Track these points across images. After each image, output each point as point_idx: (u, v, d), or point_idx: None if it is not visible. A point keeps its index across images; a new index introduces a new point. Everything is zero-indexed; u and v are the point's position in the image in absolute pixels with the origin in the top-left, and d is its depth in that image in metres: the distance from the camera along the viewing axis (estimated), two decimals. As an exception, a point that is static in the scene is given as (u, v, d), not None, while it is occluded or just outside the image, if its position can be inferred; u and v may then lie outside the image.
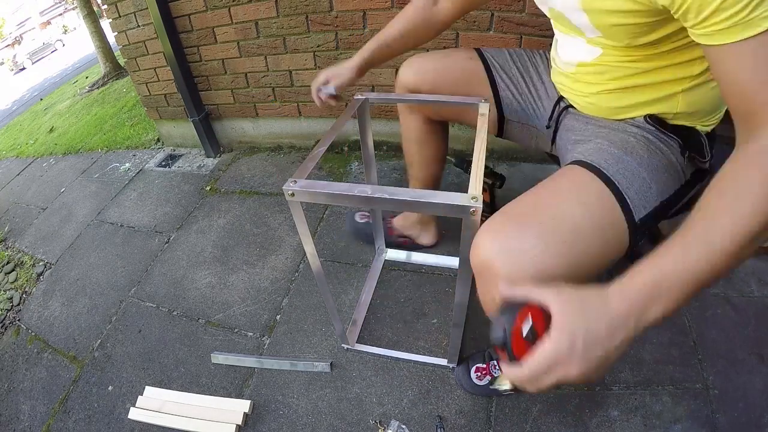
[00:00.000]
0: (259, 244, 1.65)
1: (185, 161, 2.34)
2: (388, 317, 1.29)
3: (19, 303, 1.70)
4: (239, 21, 1.85)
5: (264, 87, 2.04)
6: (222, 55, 2.00)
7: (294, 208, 0.82)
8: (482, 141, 0.82)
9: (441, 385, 1.11)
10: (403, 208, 0.73)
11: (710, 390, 1.01)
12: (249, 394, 1.17)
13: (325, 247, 1.56)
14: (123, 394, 1.24)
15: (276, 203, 1.85)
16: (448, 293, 1.33)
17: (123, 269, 1.68)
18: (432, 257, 1.44)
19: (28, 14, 22.72)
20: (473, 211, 0.67)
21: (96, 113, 3.67)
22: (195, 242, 1.72)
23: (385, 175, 1.89)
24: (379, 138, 2.00)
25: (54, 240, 1.97)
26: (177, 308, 1.46)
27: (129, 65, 2.27)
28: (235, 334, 1.33)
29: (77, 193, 2.29)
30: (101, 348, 1.39)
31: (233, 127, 2.27)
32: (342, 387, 1.14)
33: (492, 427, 1.01)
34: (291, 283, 1.46)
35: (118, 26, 2.11)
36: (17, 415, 1.27)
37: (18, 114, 5.73)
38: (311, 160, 0.84)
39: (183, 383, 1.23)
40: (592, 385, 1.05)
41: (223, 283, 1.51)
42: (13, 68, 14.27)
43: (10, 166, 3.05)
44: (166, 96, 2.29)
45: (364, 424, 1.06)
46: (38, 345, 1.47)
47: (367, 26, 1.69)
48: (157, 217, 1.93)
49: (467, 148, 1.91)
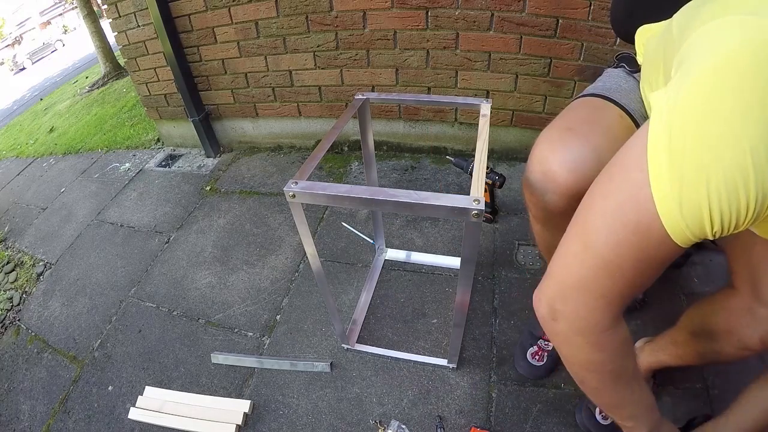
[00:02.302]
0: (259, 244, 1.65)
1: (185, 161, 2.34)
2: (388, 317, 1.29)
3: (19, 303, 1.70)
4: (239, 21, 1.85)
5: (264, 87, 2.04)
6: (222, 55, 2.00)
7: (295, 209, 0.82)
8: (483, 142, 0.82)
9: (441, 385, 1.11)
10: (405, 211, 0.73)
11: (710, 390, 1.01)
12: (249, 394, 1.17)
13: (325, 247, 1.56)
14: (123, 394, 1.24)
15: (276, 203, 1.85)
16: (448, 293, 1.33)
17: (123, 269, 1.68)
18: (432, 257, 1.44)
19: (28, 14, 22.70)
20: (475, 213, 0.67)
21: (96, 113, 3.67)
22: (195, 242, 1.72)
23: (385, 175, 1.89)
24: (379, 138, 2.00)
25: (54, 240, 1.97)
26: (177, 308, 1.46)
27: (129, 65, 2.27)
28: (235, 334, 1.33)
29: (77, 193, 2.29)
30: (101, 348, 1.39)
31: (233, 127, 2.27)
32: (342, 387, 1.14)
33: (492, 427, 1.01)
34: (291, 283, 1.46)
35: (118, 26, 2.11)
36: (17, 415, 1.27)
37: (18, 114, 5.72)
38: (312, 161, 0.84)
39: (183, 383, 1.23)
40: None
41: (223, 283, 1.51)
42: (13, 68, 14.24)
43: (10, 166, 3.05)
44: (166, 96, 2.29)
45: (364, 424, 1.06)
46: (38, 345, 1.47)
47: (367, 26, 1.69)
48: (157, 217, 1.93)
49: (467, 148, 1.91)
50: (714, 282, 1.23)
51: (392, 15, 1.64)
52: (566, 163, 0.68)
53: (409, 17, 1.62)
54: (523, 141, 1.81)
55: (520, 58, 1.59)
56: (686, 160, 0.40)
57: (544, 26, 1.49)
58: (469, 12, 1.54)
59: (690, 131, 0.40)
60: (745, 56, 0.37)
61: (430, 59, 1.70)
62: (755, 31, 0.37)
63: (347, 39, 1.75)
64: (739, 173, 0.38)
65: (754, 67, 0.36)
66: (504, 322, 1.23)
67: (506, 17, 1.51)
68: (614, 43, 1.44)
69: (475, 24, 1.56)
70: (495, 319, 1.24)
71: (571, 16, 1.44)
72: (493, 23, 1.54)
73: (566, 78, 1.58)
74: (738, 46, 0.38)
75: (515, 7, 1.48)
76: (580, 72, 1.55)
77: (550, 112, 1.67)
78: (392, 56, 1.74)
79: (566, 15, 1.44)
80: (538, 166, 0.71)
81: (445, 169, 1.86)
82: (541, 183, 0.72)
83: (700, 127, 0.39)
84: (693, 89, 0.40)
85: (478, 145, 0.82)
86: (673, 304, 1.19)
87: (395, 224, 1.61)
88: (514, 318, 1.23)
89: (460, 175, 1.81)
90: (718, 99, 0.38)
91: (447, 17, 1.58)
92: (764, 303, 0.65)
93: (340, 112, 1.98)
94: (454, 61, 1.68)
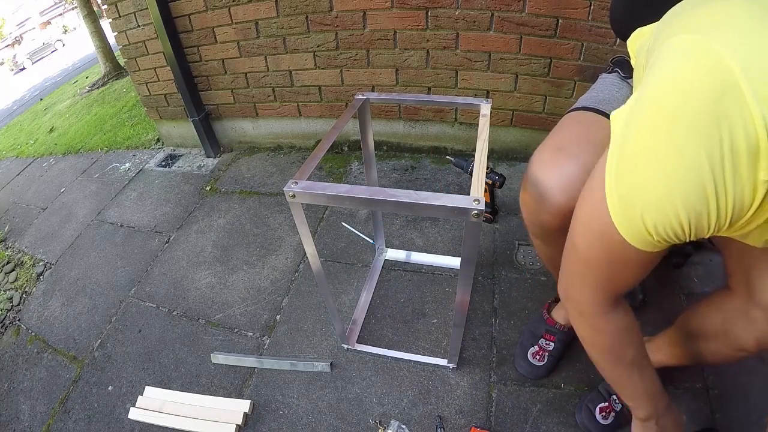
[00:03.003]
0: (259, 244, 1.65)
1: (185, 161, 2.34)
2: (388, 317, 1.29)
3: (19, 303, 1.70)
4: (239, 21, 1.85)
5: (264, 87, 2.04)
6: (222, 55, 2.00)
7: (295, 209, 0.82)
8: (483, 142, 0.82)
9: (441, 385, 1.11)
10: (405, 211, 0.73)
11: (710, 390, 1.01)
12: (249, 394, 1.17)
13: (325, 247, 1.56)
14: (123, 394, 1.24)
15: (276, 203, 1.85)
16: (448, 293, 1.33)
17: (123, 269, 1.68)
18: (432, 257, 1.44)
19: (28, 14, 22.70)
20: (475, 213, 0.67)
21: (96, 113, 3.67)
22: (195, 242, 1.72)
23: (385, 175, 1.89)
24: (379, 138, 2.00)
25: (54, 240, 1.97)
26: (177, 308, 1.46)
27: (129, 65, 2.27)
28: (235, 334, 1.33)
29: (77, 193, 2.29)
30: (101, 348, 1.39)
31: (233, 127, 2.27)
32: (342, 387, 1.14)
33: (492, 427, 1.01)
34: (291, 283, 1.46)
35: (118, 26, 2.11)
36: (17, 415, 1.27)
37: (18, 114, 5.72)
38: (312, 161, 0.84)
39: (183, 383, 1.23)
40: (592, 385, 1.05)
41: (223, 283, 1.51)
42: (13, 68, 14.24)
43: (10, 166, 3.05)
44: (166, 96, 2.29)
45: (364, 424, 1.06)
46: (38, 345, 1.47)
47: (367, 26, 1.69)
48: (157, 217, 1.93)
49: (467, 148, 1.91)
50: (714, 282, 1.23)
51: (392, 15, 1.64)
52: (558, 184, 0.72)
53: (409, 17, 1.62)
54: (523, 141, 1.81)
55: (520, 58, 1.59)
56: (625, 182, 0.47)
57: (544, 26, 1.49)
58: (469, 12, 1.54)
59: (630, 155, 0.46)
60: (678, 85, 0.40)
61: (430, 59, 1.70)
62: (693, 58, 0.39)
63: (347, 39, 1.75)
64: (667, 199, 0.42)
65: (684, 98, 0.39)
66: (504, 322, 1.23)
67: (506, 17, 1.51)
68: (614, 43, 1.44)
69: (475, 24, 1.56)
70: (495, 319, 1.24)
71: (571, 16, 1.44)
72: (493, 23, 1.54)
73: (566, 78, 1.58)
74: (673, 73, 0.41)
75: (515, 7, 1.48)
76: (580, 72, 1.55)
77: (550, 112, 1.67)
78: (392, 56, 1.74)
79: (566, 15, 1.44)
80: (532, 188, 0.76)
81: (445, 169, 1.86)
82: (535, 204, 0.76)
83: (637, 155, 0.45)
84: (638, 118, 0.45)
85: (478, 145, 0.82)
86: (673, 304, 1.19)
87: (395, 224, 1.61)
88: (514, 318, 1.24)
89: (460, 175, 1.81)
90: (653, 129, 0.42)
91: (447, 17, 1.58)
92: (759, 305, 0.66)
93: (340, 112, 1.98)
94: (454, 61, 1.68)
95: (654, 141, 0.42)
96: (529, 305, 1.26)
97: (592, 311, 0.65)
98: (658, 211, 0.44)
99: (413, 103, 1.56)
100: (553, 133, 0.79)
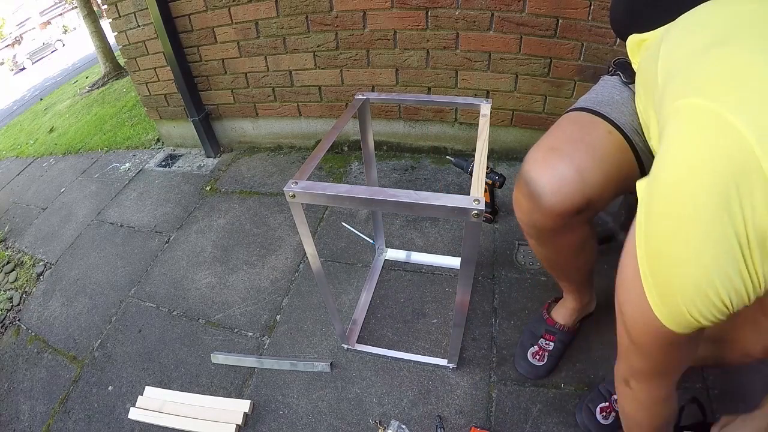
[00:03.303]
0: (259, 244, 1.65)
1: (185, 161, 2.34)
2: (388, 317, 1.29)
3: (19, 303, 1.70)
4: (239, 21, 1.85)
5: (264, 87, 2.04)
6: (222, 55, 2.00)
7: (295, 209, 0.82)
8: (483, 142, 0.82)
9: (441, 385, 1.11)
10: (405, 211, 0.73)
11: (710, 390, 1.01)
12: (249, 394, 1.17)
13: (325, 247, 1.56)
14: (123, 394, 1.24)
15: (276, 203, 1.85)
16: (448, 293, 1.33)
17: (123, 269, 1.68)
18: (432, 257, 1.44)
19: (28, 14, 22.71)
20: (475, 213, 0.67)
21: (96, 113, 3.67)
22: (195, 242, 1.72)
23: (385, 175, 1.89)
24: (379, 138, 2.00)
25: (54, 240, 1.97)
26: (177, 308, 1.46)
27: (129, 65, 2.27)
28: (235, 334, 1.33)
29: (77, 193, 2.29)
30: (101, 348, 1.39)
31: (233, 127, 2.27)
32: (342, 387, 1.14)
33: (492, 427, 1.01)
34: (291, 283, 1.46)
35: (118, 26, 2.11)
36: (17, 415, 1.27)
37: (18, 114, 5.72)
38: (312, 161, 0.84)
39: (183, 383, 1.23)
40: (592, 385, 1.05)
41: (223, 283, 1.51)
42: (13, 68, 14.24)
43: (10, 166, 3.05)
44: (166, 96, 2.29)
45: (364, 424, 1.06)
46: (38, 345, 1.47)
47: (367, 26, 1.69)
48: (157, 217, 1.93)
49: (467, 148, 1.91)
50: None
51: (392, 15, 1.64)
52: (550, 184, 0.71)
53: (409, 17, 1.62)
54: (523, 141, 1.81)
55: (520, 58, 1.59)
56: (660, 276, 0.46)
57: (544, 26, 1.49)
58: (469, 12, 1.54)
59: (657, 246, 0.45)
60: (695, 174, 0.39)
61: (430, 59, 1.70)
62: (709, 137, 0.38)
63: (347, 39, 1.75)
64: (707, 286, 0.41)
65: (703, 188, 0.39)
66: (504, 322, 1.23)
67: (506, 17, 1.51)
68: (614, 43, 1.44)
69: (475, 24, 1.56)
70: (495, 319, 1.24)
71: (571, 16, 1.44)
72: (493, 23, 1.54)
73: (566, 78, 1.58)
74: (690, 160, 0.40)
75: (515, 7, 1.48)
76: (580, 72, 1.55)
77: (550, 112, 1.67)
78: (392, 56, 1.74)
79: (566, 15, 1.44)
80: (525, 187, 0.75)
81: (445, 169, 1.86)
82: (528, 203, 0.75)
83: (667, 246, 0.44)
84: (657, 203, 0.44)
85: (478, 145, 0.82)
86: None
87: (395, 224, 1.61)
88: (514, 318, 1.24)
89: (460, 175, 1.81)
90: (676, 219, 0.42)
91: (447, 17, 1.58)
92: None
93: (340, 112, 1.98)
94: (454, 61, 1.68)
95: (679, 233, 0.42)
96: (529, 305, 1.26)
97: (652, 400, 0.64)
98: (701, 301, 0.43)
99: (413, 103, 1.56)
100: (548, 132, 0.78)
